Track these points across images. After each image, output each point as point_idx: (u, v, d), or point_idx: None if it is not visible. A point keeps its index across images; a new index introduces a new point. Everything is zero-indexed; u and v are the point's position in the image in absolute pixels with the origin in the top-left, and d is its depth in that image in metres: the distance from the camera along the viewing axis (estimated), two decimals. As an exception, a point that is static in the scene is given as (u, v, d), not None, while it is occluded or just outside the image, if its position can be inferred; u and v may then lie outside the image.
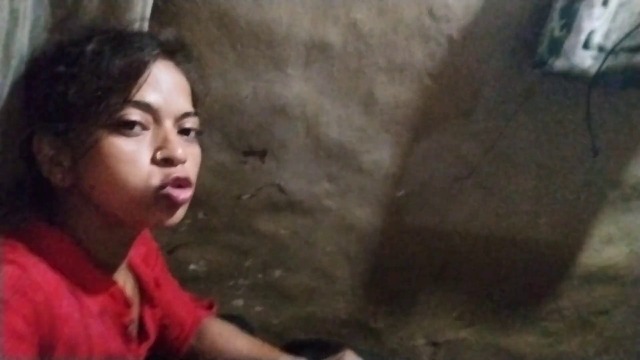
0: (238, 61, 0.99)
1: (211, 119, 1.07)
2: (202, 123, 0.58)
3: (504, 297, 1.36)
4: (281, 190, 1.18)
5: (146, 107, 0.50)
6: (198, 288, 1.28)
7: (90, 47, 0.48)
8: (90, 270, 0.52)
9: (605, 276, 1.33)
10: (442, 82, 1.06)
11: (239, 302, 1.33)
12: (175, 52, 0.56)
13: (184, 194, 0.52)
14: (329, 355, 0.73)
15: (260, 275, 1.30)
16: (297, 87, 1.04)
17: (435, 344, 1.43)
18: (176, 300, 0.76)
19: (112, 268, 0.56)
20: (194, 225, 1.21)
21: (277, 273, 1.30)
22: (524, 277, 1.33)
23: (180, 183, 0.51)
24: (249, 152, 1.12)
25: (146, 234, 0.71)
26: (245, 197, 1.18)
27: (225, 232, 1.23)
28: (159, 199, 0.50)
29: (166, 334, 0.74)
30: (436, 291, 1.36)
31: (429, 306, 1.38)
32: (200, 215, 1.20)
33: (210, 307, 0.84)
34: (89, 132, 0.47)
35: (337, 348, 0.76)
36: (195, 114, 0.56)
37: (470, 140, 1.15)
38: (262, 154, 1.13)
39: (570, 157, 1.15)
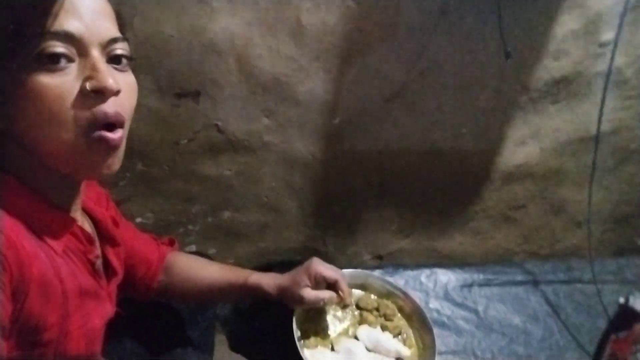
0: (159, -3, 0.95)
1: (138, 62, 1.03)
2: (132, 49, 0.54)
3: (435, 206, 1.49)
4: (220, 130, 1.18)
5: (67, 37, 0.45)
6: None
7: None
8: (45, 211, 0.50)
9: (521, 174, 1.49)
10: (365, 4, 1.09)
11: (192, 248, 1.34)
12: None
13: (117, 134, 0.49)
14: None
15: (209, 219, 1.31)
16: (223, 20, 1.02)
17: (379, 257, 1.55)
18: (136, 239, 0.76)
19: (68, 208, 0.54)
20: (134, 177, 1.19)
21: (226, 214, 1.32)
22: (451, 185, 1.46)
23: (111, 120, 0.48)
24: (181, 95, 1.10)
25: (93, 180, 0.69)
26: (183, 142, 1.17)
27: (167, 180, 1.22)
28: (92, 143, 0.47)
29: (133, 273, 0.75)
30: (376, 209, 1.45)
31: (371, 224, 1.48)
32: (139, 166, 1.18)
33: (171, 243, 0.85)
34: (8, 72, 0.44)
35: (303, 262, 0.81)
36: (124, 38, 0.51)
37: (394, 62, 1.20)
38: (195, 95, 1.11)
39: (485, 66, 1.25)
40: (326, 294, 0.77)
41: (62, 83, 0.45)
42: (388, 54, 1.18)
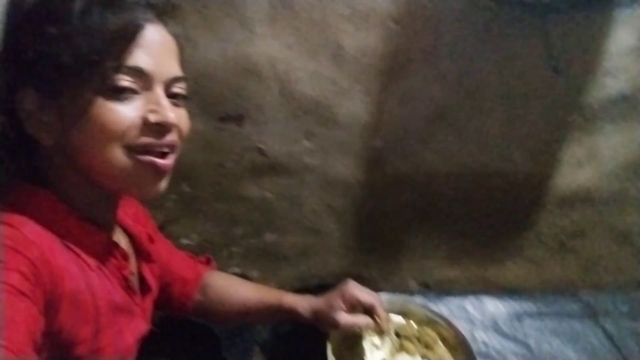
0: (203, 24, 0.99)
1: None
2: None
3: (486, 232, 1.42)
4: (262, 153, 1.19)
5: (139, 73, 0.49)
6: (192, 262, 1.29)
7: (78, 3, 0.46)
8: (81, 226, 0.52)
9: (578, 199, 1.40)
10: (405, 25, 1.08)
11: (236, 270, 1.35)
12: (164, 14, 0.54)
13: (168, 160, 0.52)
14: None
15: (252, 241, 1.32)
16: (265, 45, 1.05)
17: (426, 285, 1.49)
18: (173, 257, 0.77)
19: (104, 225, 0.56)
20: (180, 199, 1.22)
21: (269, 237, 1.32)
22: (502, 210, 1.39)
23: (166, 150, 0.51)
24: (225, 118, 1.13)
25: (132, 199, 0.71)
26: (227, 164, 1.19)
27: (212, 202, 1.24)
28: (144, 165, 0.49)
29: (169, 291, 0.76)
30: (422, 234, 1.40)
31: (417, 250, 1.43)
32: (185, 188, 1.21)
33: (208, 262, 0.85)
34: (79, 96, 0.46)
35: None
36: (185, 78, 0.55)
37: (438, 81, 1.18)
38: (238, 119, 1.14)
39: (533, 85, 1.20)
40: (362, 319, 0.74)
41: (126, 112, 0.48)
42: (430, 75, 1.16)
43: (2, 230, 0.44)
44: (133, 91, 0.49)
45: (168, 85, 0.52)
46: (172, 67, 0.53)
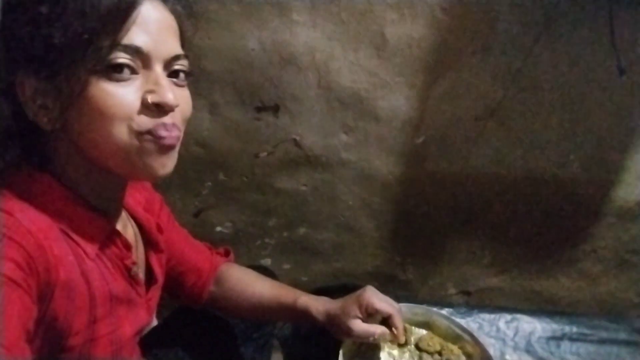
0: (242, 11, 0.97)
1: (221, 74, 1.06)
2: (190, 64, 0.55)
3: (536, 241, 1.32)
4: (297, 145, 1.16)
5: (136, 51, 0.47)
6: (226, 250, 1.30)
7: None
8: (82, 213, 0.51)
9: (643, 212, 1.26)
10: (456, 15, 1.00)
11: (267, 261, 1.34)
12: None
13: (172, 134, 0.49)
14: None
15: (285, 234, 1.30)
16: (304, 34, 1.01)
17: (467, 293, 1.41)
18: (188, 246, 0.75)
19: (108, 212, 0.55)
20: (215, 187, 1.22)
21: (302, 230, 1.30)
22: (556, 218, 1.28)
23: (167, 131, 0.49)
24: (261, 108, 1.11)
25: (147, 183, 0.70)
26: (262, 155, 1.18)
27: (246, 192, 1.23)
28: (146, 143, 0.48)
29: (183, 281, 0.75)
30: (465, 238, 1.33)
31: (458, 254, 1.36)
32: (221, 176, 1.21)
33: (226, 254, 0.83)
34: (75, 77, 0.45)
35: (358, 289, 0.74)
36: (185, 55, 0.52)
37: (489, 77, 1.09)
38: (275, 109, 1.11)
39: (596, 85, 1.08)
40: (377, 329, 0.69)
41: (125, 93, 0.47)
42: (481, 69, 1.08)
43: None
44: (131, 70, 0.47)
45: (168, 63, 0.50)
46: (171, 45, 0.51)
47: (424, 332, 0.80)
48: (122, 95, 0.47)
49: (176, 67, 0.52)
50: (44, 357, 0.46)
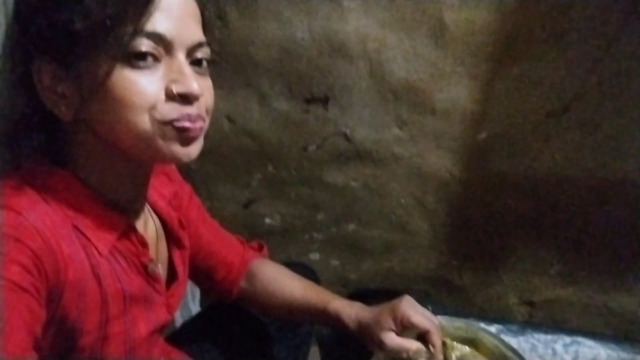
0: (290, -1, 0.93)
1: (269, 65, 1.03)
2: (212, 52, 0.52)
3: (611, 251, 1.18)
4: (347, 139, 1.11)
5: (158, 38, 0.45)
6: (275, 242, 1.28)
7: None
8: (97, 209, 0.49)
9: None
10: (525, -2, 0.90)
11: (315, 256, 1.31)
12: None
13: (196, 126, 0.48)
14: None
15: (334, 229, 1.26)
16: (355, 21, 0.96)
17: (531, 304, 1.29)
18: (219, 240, 0.73)
19: (127, 208, 0.53)
20: (265, 179, 1.21)
21: (351, 227, 1.25)
22: (634, 227, 1.13)
23: (192, 120, 0.47)
24: (311, 100, 1.07)
25: (175, 176, 0.69)
26: (311, 148, 1.14)
27: (295, 185, 1.20)
28: (169, 133, 0.46)
29: (212, 276, 0.73)
30: (529, 245, 1.21)
31: (522, 262, 1.25)
32: (270, 168, 1.19)
33: (260, 248, 0.80)
34: (96, 65, 0.44)
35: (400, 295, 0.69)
36: (208, 43, 0.50)
37: (563, 69, 0.98)
38: (324, 101, 1.07)
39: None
40: (412, 344, 0.63)
41: (147, 81, 0.45)
42: (555, 59, 0.97)
43: (5, 216, 0.42)
44: (154, 58, 0.45)
45: (191, 51, 0.48)
46: (194, 32, 0.48)
47: (467, 349, 0.72)
48: (145, 84, 0.45)
49: (199, 55, 0.49)
50: (54, 356, 0.46)
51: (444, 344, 0.68)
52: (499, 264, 1.27)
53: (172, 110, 0.46)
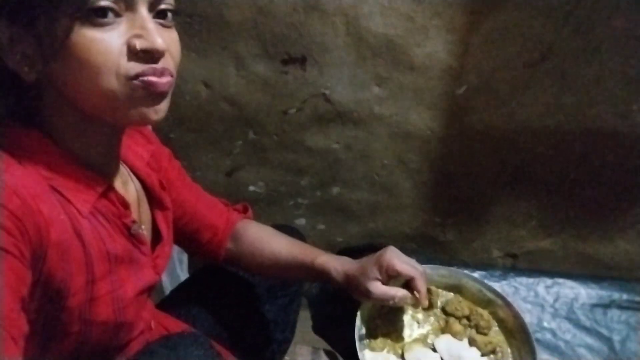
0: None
1: (243, 25, 1.00)
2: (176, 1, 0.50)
3: (592, 200, 1.20)
4: (327, 100, 1.10)
5: None
6: (260, 209, 1.28)
7: None
8: (73, 169, 0.48)
9: None
10: (499, -56, 0.89)
11: (302, 221, 1.31)
12: None
13: (163, 80, 0.46)
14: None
15: (318, 193, 1.26)
16: (328, -25, 0.93)
17: (513, 256, 1.32)
18: (202, 203, 0.73)
19: (103, 169, 0.52)
20: (247, 146, 1.19)
21: (335, 190, 1.25)
22: (615, 176, 1.16)
23: (158, 74, 0.46)
24: (288, 61, 1.05)
25: (153, 138, 0.68)
26: (291, 111, 1.13)
27: (277, 150, 1.19)
28: (137, 90, 0.45)
29: (198, 238, 0.72)
30: (510, 198, 1.23)
31: (503, 215, 1.27)
32: (251, 135, 1.17)
33: (244, 210, 0.80)
34: (54, 23, 0.42)
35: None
36: None
37: (540, 17, 0.97)
38: (302, 61, 1.05)
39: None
40: (398, 292, 0.64)
41: (109, 38, 0.44)
42: (530, 7, 0.96)
43: None
44: (115, 13, 0.43)
45: (153, 4, 0.46)
46: None
47: (451, 295, 0.74)
48: (107, 41, 0.43)
49: (162, 6, 0.47)
50: (43, 318, 0.45)
51: (429, 290, 0.70)
52: (482, 218, 1.29)
53: (136, 66, 0.45)
